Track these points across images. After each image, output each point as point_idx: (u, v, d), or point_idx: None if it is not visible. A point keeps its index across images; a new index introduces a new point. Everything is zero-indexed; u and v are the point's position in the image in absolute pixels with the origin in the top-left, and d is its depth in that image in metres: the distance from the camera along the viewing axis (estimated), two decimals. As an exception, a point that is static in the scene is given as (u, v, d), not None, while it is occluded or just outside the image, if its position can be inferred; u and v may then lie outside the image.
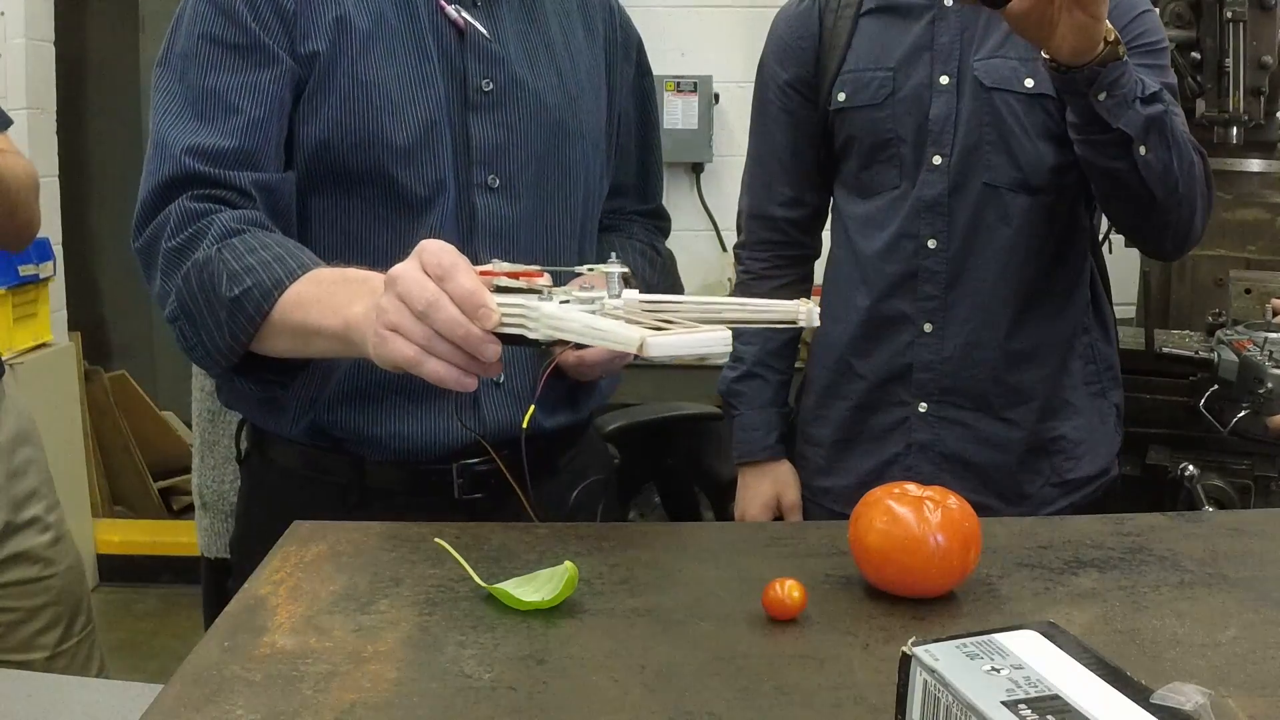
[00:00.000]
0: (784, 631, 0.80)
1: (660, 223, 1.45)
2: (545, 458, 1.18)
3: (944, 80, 1.46)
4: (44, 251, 3.25)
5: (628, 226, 1.39)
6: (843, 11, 1.54)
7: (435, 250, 0.88)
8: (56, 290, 3.45)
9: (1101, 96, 1.24)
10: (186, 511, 3.82)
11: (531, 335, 0.86)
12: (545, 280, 0.94)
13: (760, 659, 0.75)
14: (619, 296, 0.89)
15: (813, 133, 1.58)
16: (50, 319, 3.37)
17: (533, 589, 0.83)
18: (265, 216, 1.09)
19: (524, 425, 0.99)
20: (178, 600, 3.42)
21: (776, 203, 1.64)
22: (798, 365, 1.72)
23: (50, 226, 3.42)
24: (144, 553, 3.63)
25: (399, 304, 0.88)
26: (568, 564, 0.84)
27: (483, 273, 0.92)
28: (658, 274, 1.35)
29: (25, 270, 3.15)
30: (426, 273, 0.87)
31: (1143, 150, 1.28)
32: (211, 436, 2.08)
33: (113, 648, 3.19)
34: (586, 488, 1.27)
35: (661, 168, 1.45)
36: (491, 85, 1.16)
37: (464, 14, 1.15)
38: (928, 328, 1.49)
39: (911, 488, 0.87)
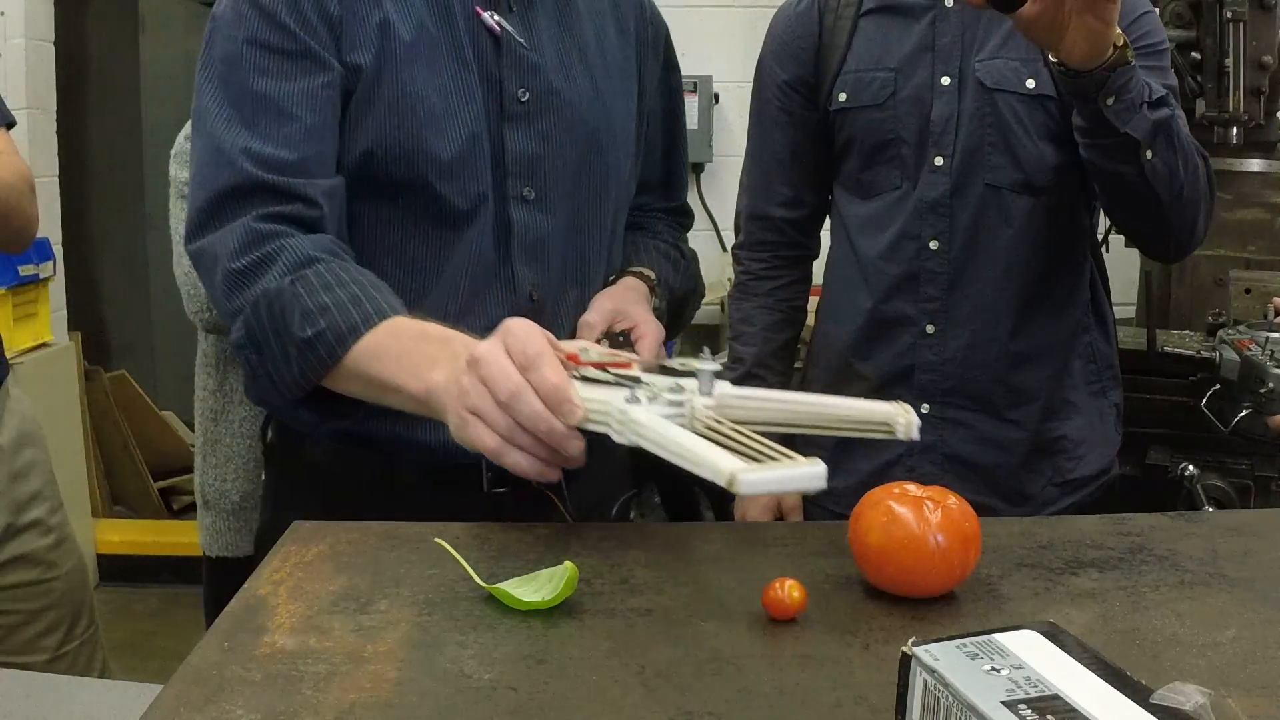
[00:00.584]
0: (784, 631, 0.80)
1: (684, 219, 1.44)
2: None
3: (945, 81, 1.46)
4: (44, 251, 3.25)
5: (652, 224, 1.38)
6: (843, 11, 1.53)
7: (521, 336, 0.87)
8: (56, 290, 3.45)
9: (1110, 101, 1.23)
10: (186, 511, 3.83)
11: (616, 438, 0.85)
12: (635, 370, 0.92)
13: (760, 659, 0.75)
14: (710, 395, 0.87)
15: (812, 133, 1.58)
16: (50, 319, 3.37)
17: (533, 589, 0.83)
18: (335, 240, 1.06)
19: None
20: (178, 600, 3.42)
21: (775, 203, 1.64)
22: (796, 365, 1.72)
23: (50, 226, 3.42)
24: (144, 553, 3.63)
25: (482, 388, 0.87)
26: (568, 564, 0.83)
27: (569, 357, 0.90)
28: (680, 277, 1.34)
29: (25, 270, 3.15)
30: (511, 357, 0.86)
31: (1149, 155, 1.28)
32: (214, 435, 2.08)
33: (113, 648, 3.17)
34: (625, 501, 1.28)
35: (687, 164, 1.44)
36: (528, 95, 1.15)
37: (500, 20, 1.13)
38: (930, 329, 1.49)
39: (911, 488, 0.87)
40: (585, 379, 0.90)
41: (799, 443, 1.62)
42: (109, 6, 4.60)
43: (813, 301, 1.70)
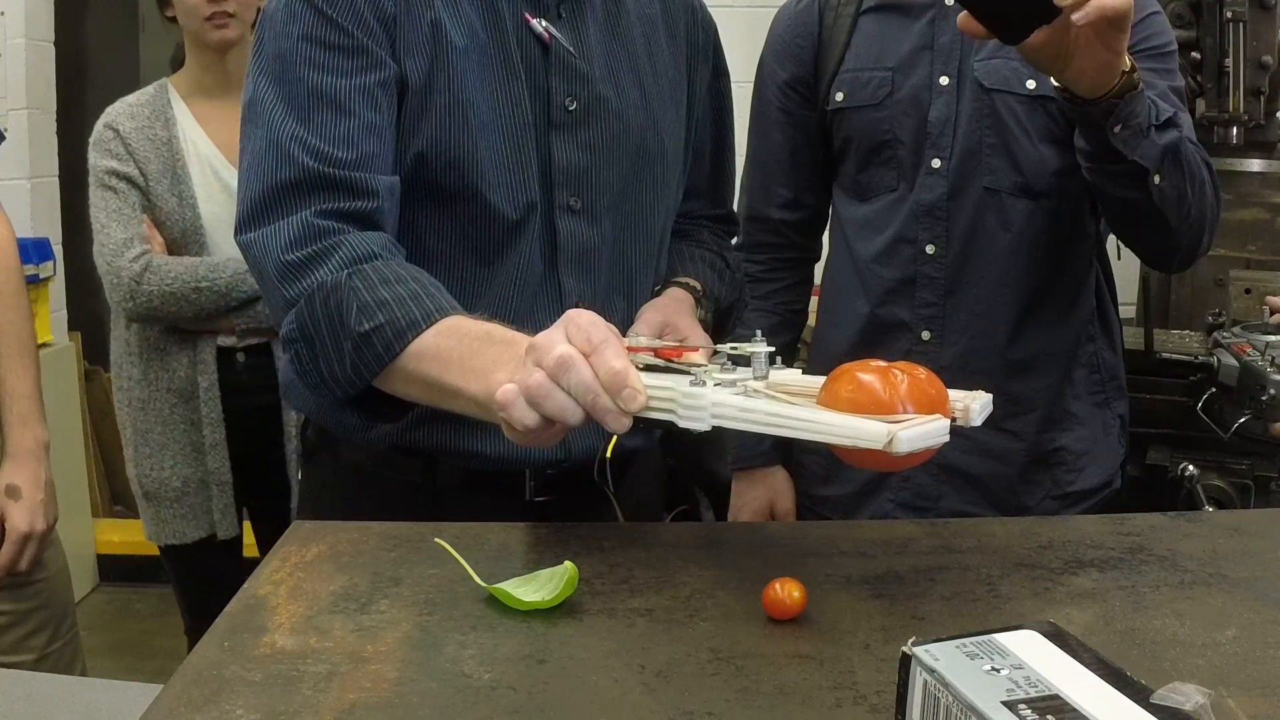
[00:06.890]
0: (784, 631, 0.80)
1: (730, 228, 1.43)
2: (619, 469, 1.18)
3: (944, 81, 1.44)
4: (44, 251, 3.25)
5: (697, 232, 1.36)
6: (843, 10, 1.52)
7: (584, 324, 0.85)
8: (56, 290, 3.45)
9: (1117, 129, 1.19)
10: (186, 511, 3.82)
11: (680, 424, 0.83)
12: (699, 357, 0.90)
13: (760, 659, 0.75)
14: (765, 377, 0.86)
15: (811, 134, 1.57)
16: (50, 319, 3.37)
17: (533, 589, 0.83)
18: (391, 239, 1.05)
19: (608, 455, 1.02)
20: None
21: (774, 205, 1.63)
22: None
23: (50, 226, 3.42)
24: (144, 553, 3.62)
25: (532, 366, 0.85)
26: (568, 564, 0.84)
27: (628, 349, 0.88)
28: (725, 287, 1.33)
29: (25, 270, 3.14)
30: (572, 343, 0.85)
31: (1157, 179, 1.25)
32: (143, 426, 2.07)
33: (113, 648, 3.19)
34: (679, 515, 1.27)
35: (734, 171, 1.42)
36: (575, 104, 1.13)
37: (549, 27, 1.12)
38: (926, 335, 1.47)
39: (876, 361, 0.83)
40: (647, 367, 0.89)
41: (796, 448, 1.63)
42: (109, 6, 4.59)
43: (814, 303, 1.69)
